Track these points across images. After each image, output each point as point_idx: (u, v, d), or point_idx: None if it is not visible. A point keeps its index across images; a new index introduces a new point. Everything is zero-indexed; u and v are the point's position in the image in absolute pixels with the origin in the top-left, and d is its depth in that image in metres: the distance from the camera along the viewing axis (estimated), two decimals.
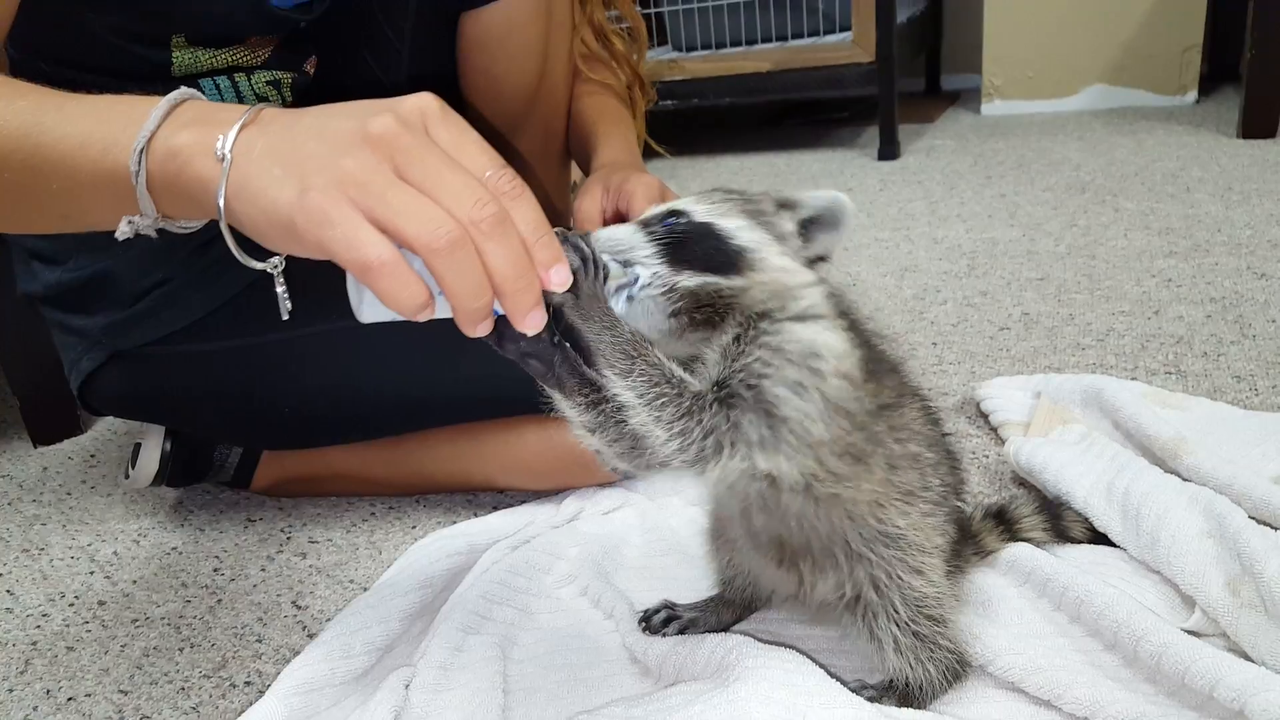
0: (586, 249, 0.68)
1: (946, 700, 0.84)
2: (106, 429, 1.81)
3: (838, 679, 0.83)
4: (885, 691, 0.84)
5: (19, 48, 1.10)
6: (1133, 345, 1.53)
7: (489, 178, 0.64)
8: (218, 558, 1.29)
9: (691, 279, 0.73)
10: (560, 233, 0.66)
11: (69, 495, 1.55)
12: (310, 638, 1.07)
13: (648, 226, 0.76)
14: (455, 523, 1.26)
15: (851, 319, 0.79)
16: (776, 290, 0.74)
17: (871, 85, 2.98)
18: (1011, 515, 1.03)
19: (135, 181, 0.68)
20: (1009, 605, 0.92)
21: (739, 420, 0.71)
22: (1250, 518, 0.94)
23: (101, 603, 1.22)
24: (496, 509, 1.29)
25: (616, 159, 1.32)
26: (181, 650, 1.10)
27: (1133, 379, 1.38)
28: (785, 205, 0.79)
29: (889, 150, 3.04)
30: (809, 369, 0.72)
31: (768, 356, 0.72)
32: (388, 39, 1.30)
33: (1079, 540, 1.03)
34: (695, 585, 1.02)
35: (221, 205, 0.64)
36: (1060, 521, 1.04)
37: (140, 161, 0.67)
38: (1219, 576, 0.88)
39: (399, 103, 0.65)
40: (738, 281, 0.74)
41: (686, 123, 3.83)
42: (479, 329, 0.64)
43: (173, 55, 1.11)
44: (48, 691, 1.05)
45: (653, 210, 0.79)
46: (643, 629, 0.96)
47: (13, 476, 1.65)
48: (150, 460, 1.36)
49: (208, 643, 1.11)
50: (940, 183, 2.71)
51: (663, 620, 0.96)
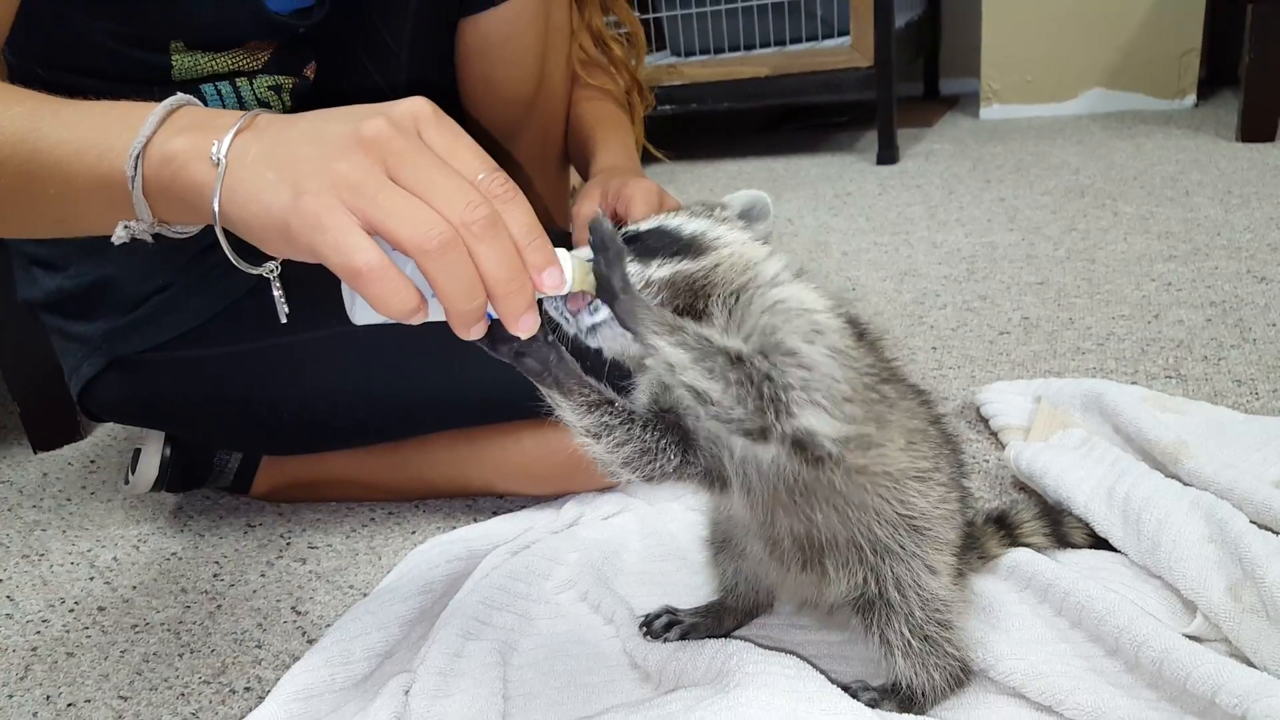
0: (612, 234, 0.68)
1: (948, 706, 0.84)
2: (106, 434, 1.81)
3: (838, 685, 0.83)
4: (887, 695, 0.83)
5: (16, 53, 1.10)
6: (1133, 349, 1.53)
7: (481, 180, 0.64)
8: (217, 563, 1.29)
9: (663, 268, 0.74)
10: (594, 222, 0.67)
11: (69, 501, 1.55)
12: (310, 643, 1.07)
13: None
14: (455, 528, 1.26)
15: (823, 289, 0.79)
16: (742, 263, 0.76)
17: (870, 90, 2.99)
18: (1012, 520, 1.03)
19: (131, 186, 0.68)
20: (1010, 610, 0.92)
21: (783, 365, 0.69)
22: (1251, 522, 0.94)
23: (101, 608, 1.22)
24: (496, 514, 1.29)
25: (615, 164, 1.33)
26: (181, 656, 1.10)
27: (1133, 383, 1.38)
28: (713, 207, 0.82)
29: (888, 155, 3.04)
30: (807, 320, 0.72)
31: (767, 316, 0.72)
32: (386, 45, 1.30)
33: (1080, 545, 1.03)
34: (695, 590, 1.03)
35: (216, 210, 0.65)
36: (1061, 527, 1.04)
37: (136, 166, 0.68)
38: (1220, 581, 0.88)
39: (392, 106, 0.65)
40: (705, 261, 0.75)
41: (685, 128, 3.84)
42: (472, 332, 0.64)
43: (172, 59, 1.11)
44: (47, 697, 1.05)
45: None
46: (644, 634, 0.96)
47: (13, 482, 1.65)
48: (150, 466, 1.36)
49: (207, 648, 1.10)
50: (939, 187, 2.71)
51: (664, 625, 0.96)
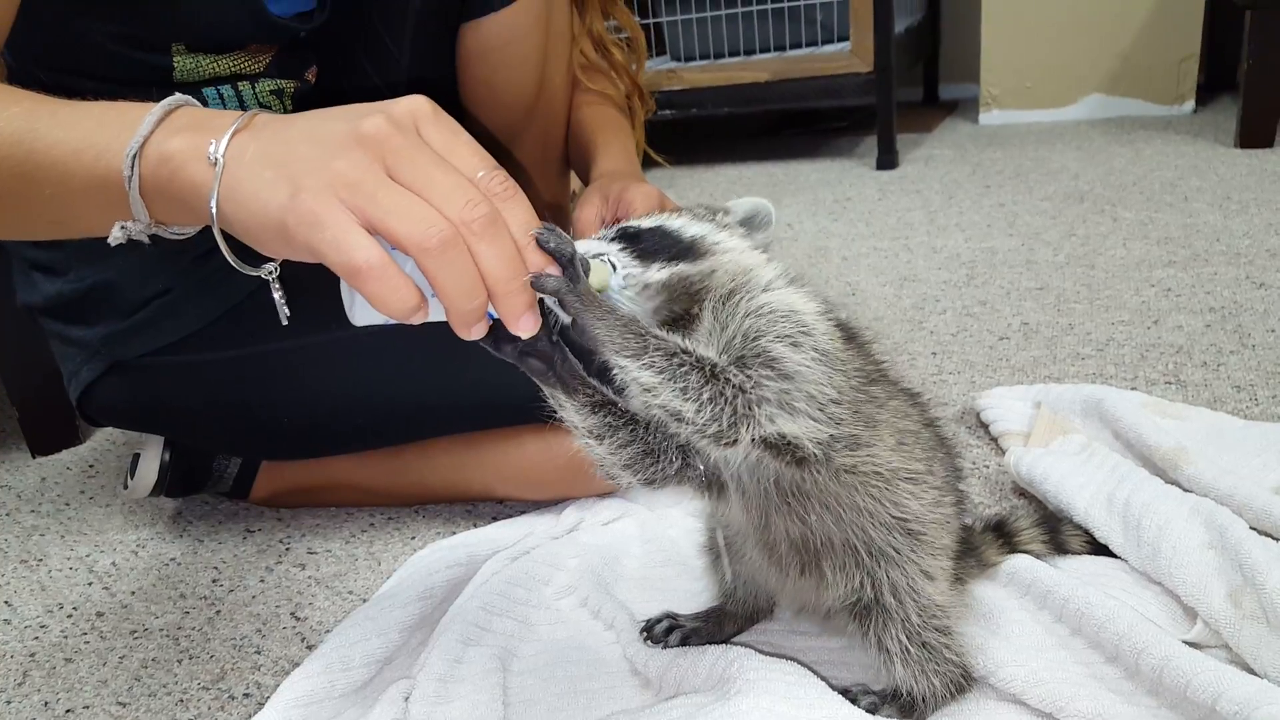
0: (563, 241, 0.67)
1: (948, 712, 0.84)
2: (105, 439, 1.80)
3: (839, 690, 0.83)
4: (887, 700, 0.83)
5: (16, 55, 1.10)
6: (1132, 355, 1.53)
7: (481, 178, 0.64)
8: (216, 569, 1.29)
9: (661, 270, 0.74)
10: (540, 232, 0.65)
11: (67, 506, 1.54)
12: (309, 649, 1.07)
13: (601, 238, 0.77)
14: (455, 533, 1.26)
15: (815, 293, 0.79)
16: (738, 270, 0.76)
17: (869, 95, 2.99)
18: (1010, 528, 1.02)
19: (128, 187, 0.68)
20: (1010, 617, 0.92)
21: (757, 379, 0.70)
22: (1251, 529, 0.94)
23: (100, 614, 1.21)
24: (496, 519, 1.29)
25: (615, 169, 1.33)
26: (180, 662, 1.09)
27: (1132, 389, 1.38)
28: (715, 211, 0.82)
29: (887, 160, 3.05)
30: (794, 324, 0.73)
31: (752, 320, 0.72)
32: (387, 49, 1.30)
33: (1078, 553, 1.03)
34: (695, 596, 1.02)
35: (214, 210, 0.64)
36: (1059, 534, 1.03)
37: (133, 166, 0.67)
38: (1221, 588, 0.88)
39: (391, 104, 0.64)
40: (703, 265, 0.75)
41: (685, 132, 3.84)
42: (473, 332, 0.64)
43: (174, 60, 1.11)
44: (46, 703, 1.05)
45: (602, 231, 0.80)
46: (644, 639, 0.96)
47: (11, 487, 1.64)
48: (149, 471, 1.35)
49: (206, 654, 1.10)
50: (939, 192, 2.71)
51: (665, 630, 0.96)
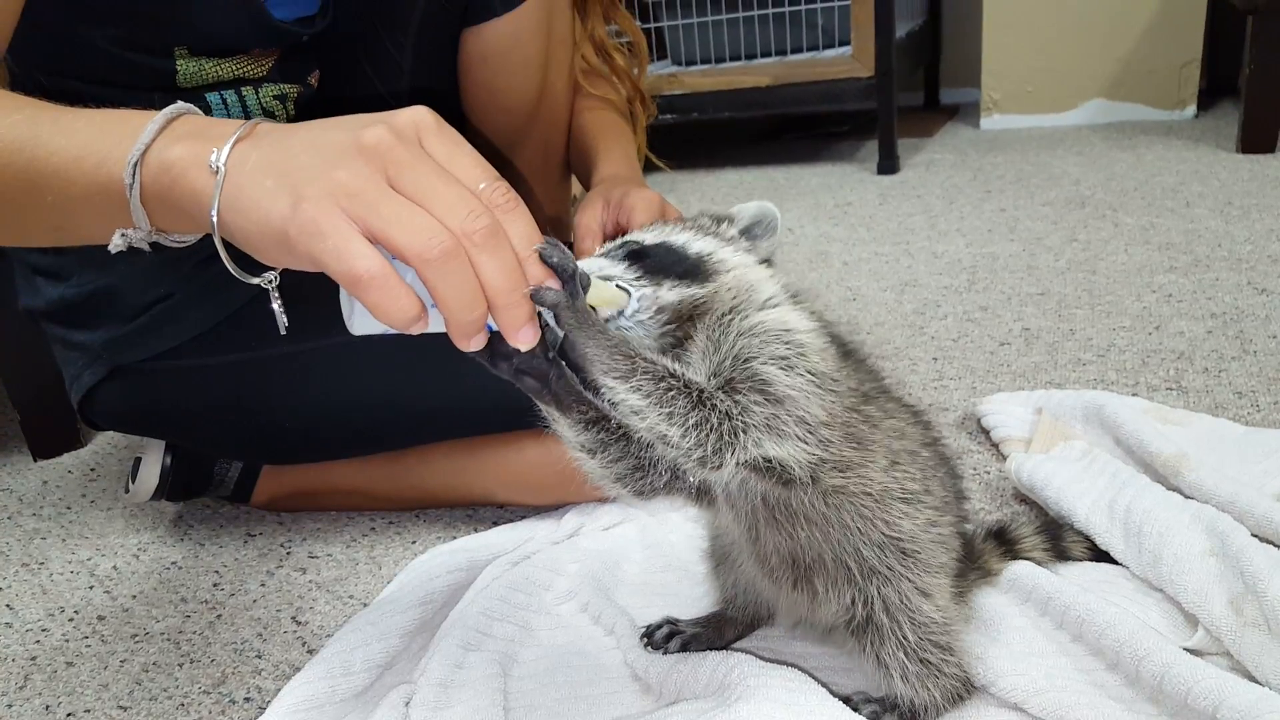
0: (566, 258, 0.67)
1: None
2: (106, 443, 1.80)
3: (840, 698, 0.83)
4: (888, 709, 0.83)
5: (19, 60, 1.10)
6: (1134, 361, 1.53)
7: (483, 190, 0.64)
8: (217, 572, 1.29)
9: (671, 291, 0.75)
10: (542, 247, 0.65)
11: (69, 509, 1.55)
12: (310, 653, 1.07)
13: (609, 255, 0.77)
14: (455, 538, 1.26)
15: (814, 312, 0.80)
16: (741, 288, 0.77)
17: (870, 99, 2.99)
18: (1012, 535, 1.02)
19: (129, 194, 0.68)
20: (1011, 624, 0.92)
21: (745, 404, 0.71)
22: (1253, 536, 0.94)
23: (101, 618, 1.21)
24: (496, 524, 1.29)
25: (617, 174, 1.33)
26: (181, 666, 1.09)
27: (1134, 395, 1.38)
28: (720, 219, 0.82)
29: (888, 164, 3.05)
30: (787, 344, 0.73)
31: (745, 340, 0.73)
32: (389, 54, 1.30)
33: (1079, 559, 1.03)
34: (696, 602, 1.02)
35: (215, 218, 0.64)
36: (1061, 541, 1.03)
37: (134, 174, 0.67)
38: (1222, 595, 0.88)
39: (393, 115, 0.65)
40: (708, 286, 0.76)
41: (686, 137, 3.84)
42: (472, 343, 0.64)
43: (176, 64, 1.11)
44: (47, 707, 1.05)
45: (607, 246, 0.80)
46: (645, 645, 0.96)
47: (12, 490, 1.64)
48: (150, 475, 1.35)
49: (207, 658, 1.10)
50: (940, 197, 2.71)
51: (665, 635, 0.96)
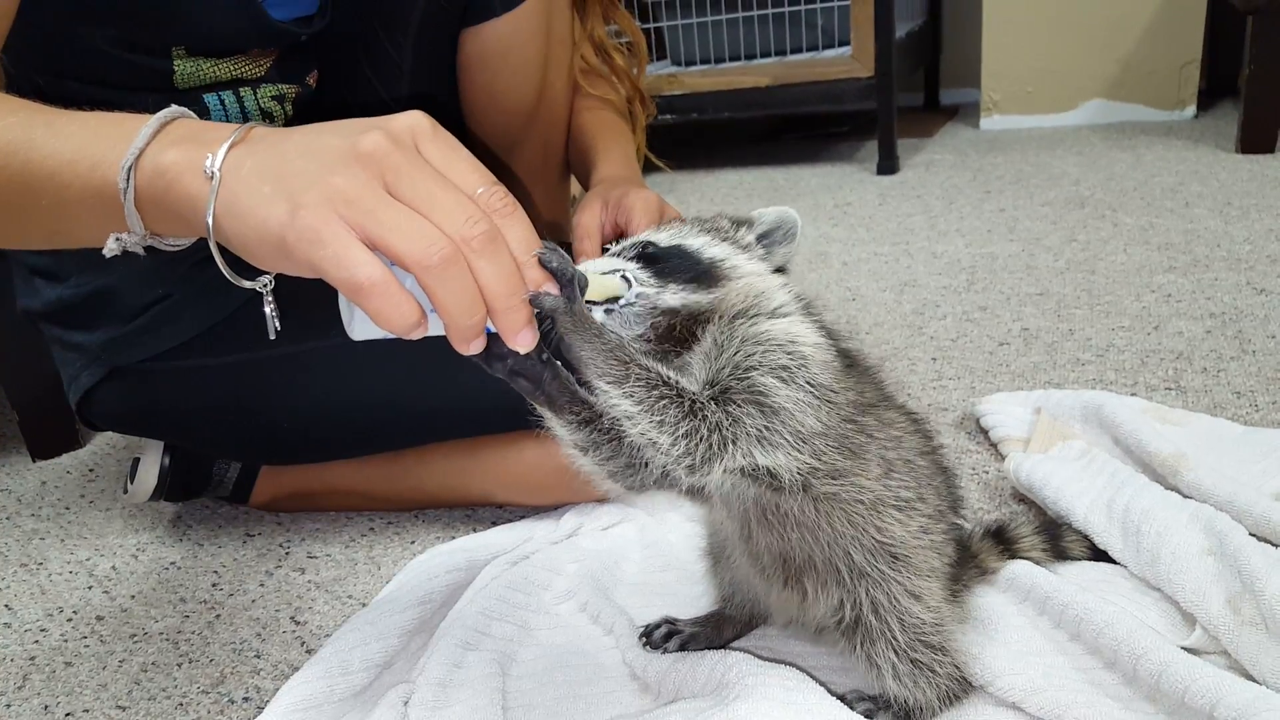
0: (565, 263, 0.68)
1: (945, 719, 0.84)
2: (105, 443, 1.81)
3: (837, 697, 0.83)
4: (882, 707, 0.83)
5: (14, 60, 1.10)
6: (1132, 361, 1.53)
7: (480, 195, 0.64)
8: (216, 573, 1.29)
9: (674, 295, 0.75)
10: (542, 251, 0.66)
11: (67, 510, 1.55)
12: (309, 653, 1.07)
13: (622, 255, 0.78)
14: (454, 538, 1.26)
15: (822, 324, 0.80)
16: (750, 294, 0.77)
17: (870, 100, 2.99)
18: (1011, 535, 1.02)
19: (123, 198, 0.68)
20: (1009, 623, 0.92)
21: (737, 415, 0.72)
22: (1251, 535, 0.94)
23: (100, 618, 1.21)
24: (495, 524, 1.29)
25: (616, 174, 1.33)
26: (180, 666, 1.10)
27: (1132, 394, 1.38)
28: (740, 223, 0.82)
29: (888, 165, 3.05)
30: (790, 354, 0.73)
31: (749, 347, 0.73)
32: (388, 54, 1.30)
33: (1078, 559, 1.03)
34: (695, 601, 1.02)
35: (210, 223, 0.64)
36: (1059, 541, 1.03)
37: (128, 178, 0.67)
38: (1220, 594, 0.88)
39: (390, 120, 0.65)
40: (716, 291, 0.76)
41: (686, 137, 3.85)
42: (471, 347, 0.64)
43: (174, 65, 1.11)
44: (45, 707, 1.05)
45: (621, 245, 0.81)
46: (643, 644, 0.96)
47: (11, 490, 1.64)
48: (149, 475, 1.35)
49: (206, 658, 1.10)
50: (939, 197, 2.71)
51: (663, 635, 0.96)
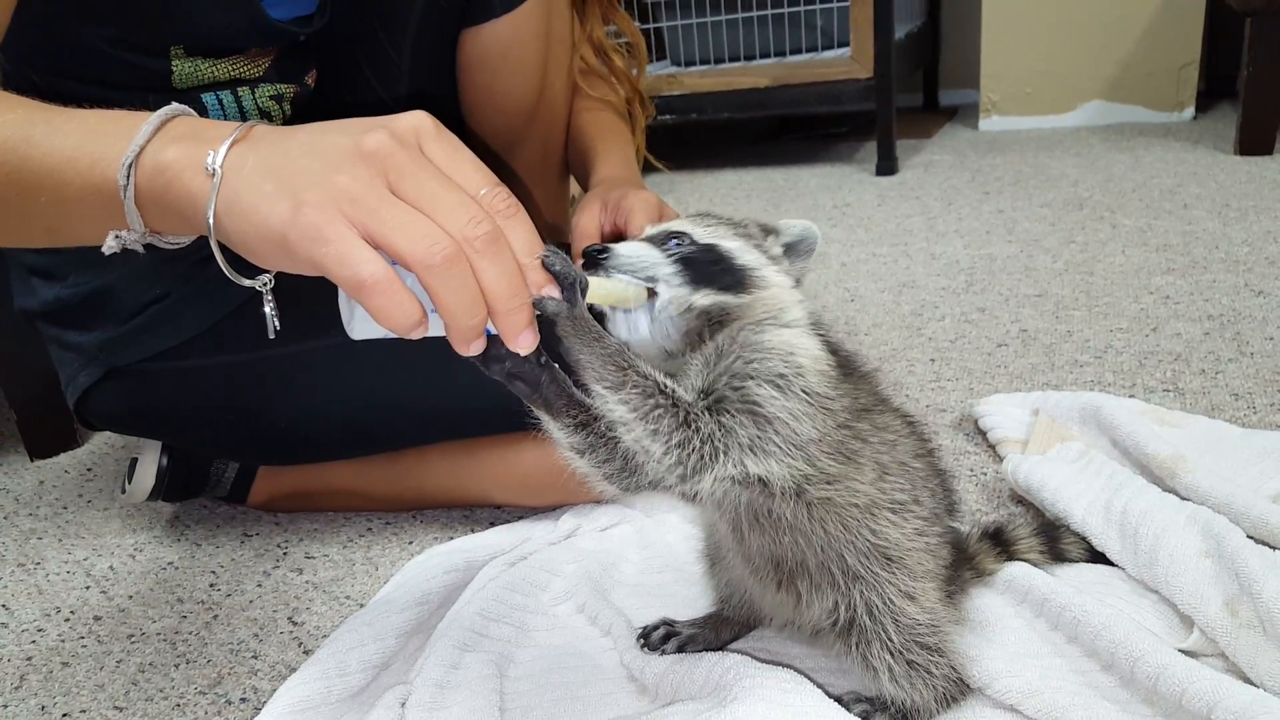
0: (569, 267, 0.68)
1: None
2: (103, 443, 1.80)
3: (835, 698, 0.83)
4: (878, 708, 0.83)
5: (11, 59, 1.10)
6: (1131, 362, 1.53)
7: (484, 195, 0.64)
8: (214, 573, 1.29)
9: (705, 298, 0.76)
10: (545, 255, 0.66)
11: (65, 509, 1.54)
12: (306, 654, 1.07)
13: (655, 244, 0.78)
14: (452, 539, 1.26)
15: (827, 336, 0.81)
16: (773, 305, 0.78)
17: (869, 101, 2.99)
18: (1008, 536, 1.02)
19: (123, 196, 0.68)
20: (1006, 624, 0.92)
21: (730, 425, 0.73)
22: (1249, 537, 0.94)
23: (97, 618, 1.21)
24: (493, 525, 1.29)
25: (615, 175, 1.33)
26: (177, 666, 1.09)
27: (1131, 396, 1.38)
28: (768, 230, 0.83)
29: (887, 166, 3.05)
30: (788, 364, 0.74)
31: (748, 355, 0.74)
32: (387, 54, 1.30)
33: (1076, 561, 1.03)
34: (693, 603, 1.02)
35: (211, 221, 0.64)
36: (1057, 543, 1.03)
37: (129, 175, 0.67)
38: (1217, 596, 0.88)
39: (393, 120, 0.65)
40: (745, 299, 0.77)
41: (685, 138, 3.84)
42: (472, 348, 0.64)
43: (172, 65, 1.11)
44: (43, 708, 1.05)
45: (654, 229, 0.81)
46: (641, 645, 0.96)
47: (9, 490, 1.64)
48: (147, 475, 1.35)
49: (203, 659, 1.10)
50: (938, 198, 2.71)
51: (661, 637, 0.96)
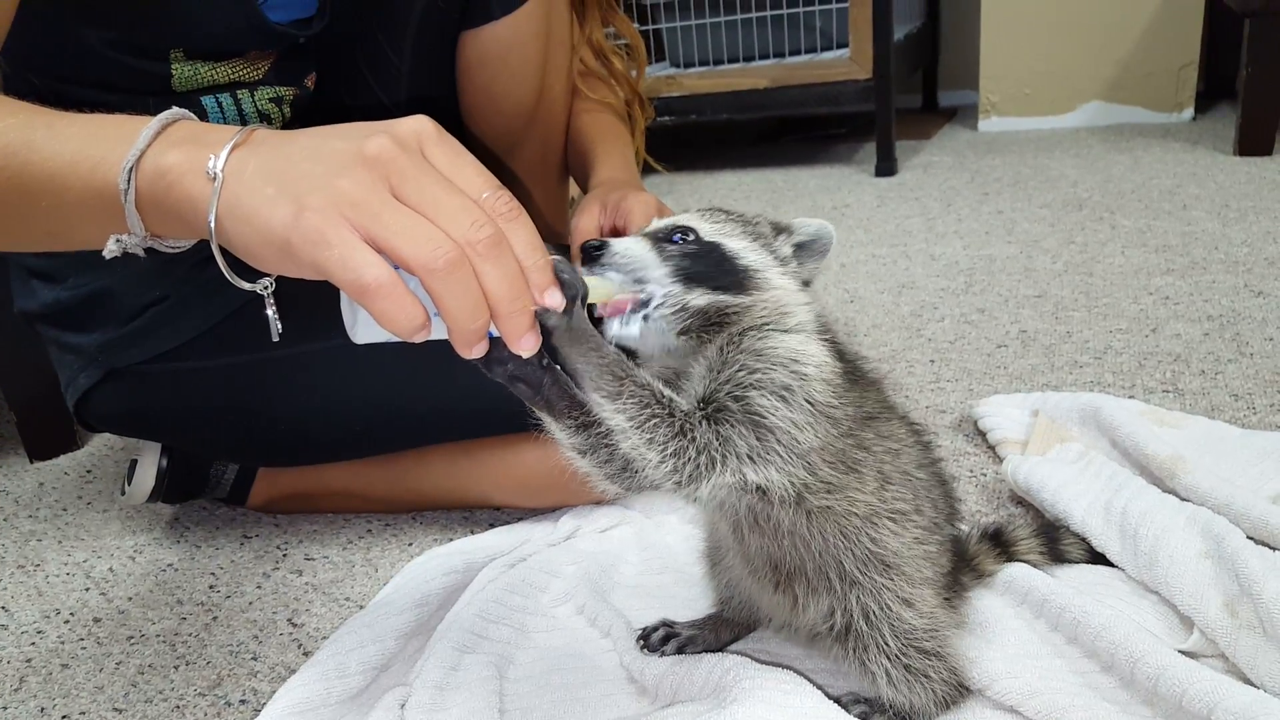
0: (575, 277, 0.68)
1: None
2: (103, 444, 1.80)
3: (834, 700, 0.83)
4: (876, 710, 0.83)
5: (12, 62, 1.10)
6: (1130, 363, 1.53)
7: (485, 199, 0.64)
8: (213, 574, 1.29)
9: (702, 298, 0.75)
10: (557, 261, 0.66)
11: (65, 511, 1.54)
12: (306, 656, 1.07)
13: (657, 240, 0.77)
14: (452, 540, 1.26)
15: (834, 341, 0.80)
16: (775, 308, 0.77)
17: (868, 102, 2.99)
18: (1008, 537, 1.02)
19: (124, 199, 0.68)
20: (1006, 625, 0.92)
21: (729, 435, 0.72)
22: (1248, 538, 0.94)
23: (97, 619, 1.21)
24: (493, 526, 1.29)
25: (614, 177, 1.33)
26: (177, 668, 1.09)
27: (1130, 397, 1.38)
28: (780, 229, 0.82)
29: (886, 167, 3.05)
30: (793, 372, 0.73)
31: (752, 363, 0.73)
32: (387, 56, 1.30)
33: (1076, 562, 1.03)
34: (692, 604, 1.02)
35: (212, 225, 0.64)
36: (1057, 544, 1.03)
37: (129, 179, 0.67)
38: (1217, 597, 0.88)
39: (395, 124, 0.65)
40: (744, 300, 0.76)
41: (684, 139, 3.84)
42: (474, 351, 0.64)
43: (171, 68, 1.11)
44: (42, 709, 1.05)
45: (659, 223, 0.80)
46: (641, 647, 0.96)
47: (9, 492, 1.64)
48: (146, 476, 1.35)
49: (203, 660, 1.10)
50: (937, 199, 2.71)
51: (661, 638, 0.96)
